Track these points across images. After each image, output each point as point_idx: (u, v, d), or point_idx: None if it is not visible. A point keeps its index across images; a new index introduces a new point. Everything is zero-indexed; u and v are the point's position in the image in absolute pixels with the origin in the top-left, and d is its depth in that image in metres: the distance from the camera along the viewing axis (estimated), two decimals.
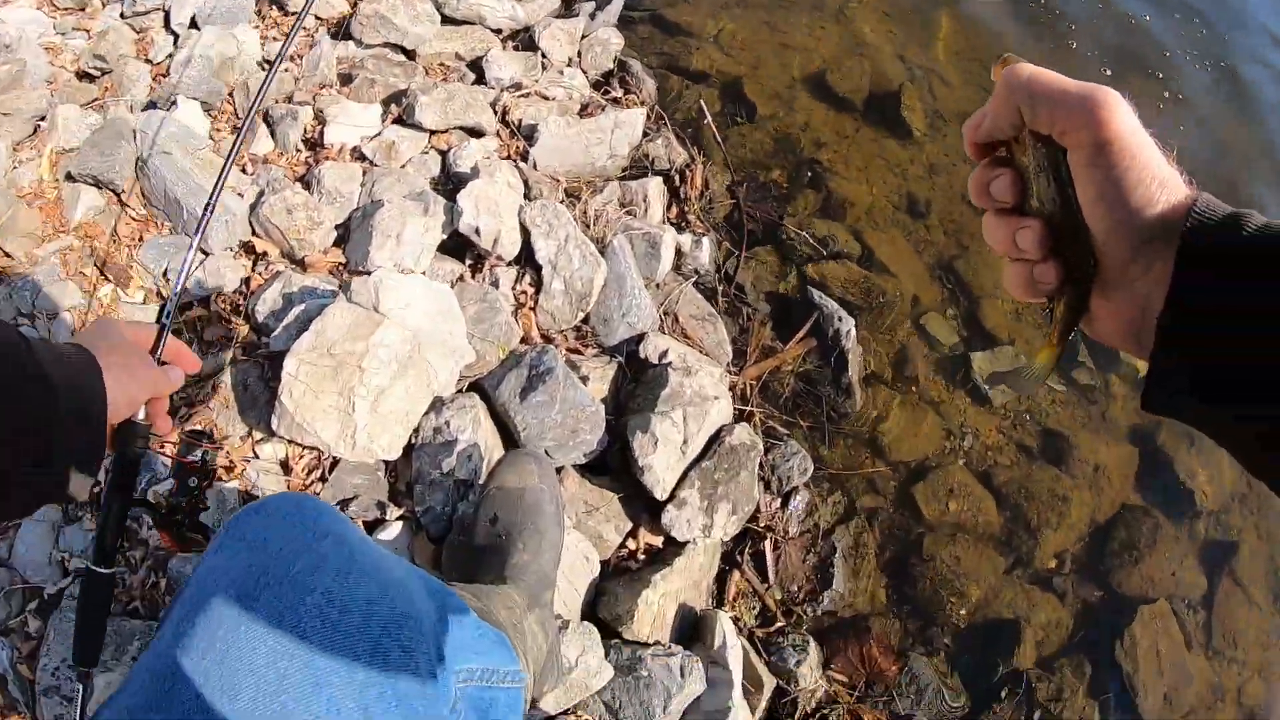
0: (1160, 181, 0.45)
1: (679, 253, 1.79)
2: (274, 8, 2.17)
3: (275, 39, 2.31)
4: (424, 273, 1.50)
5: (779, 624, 1.57)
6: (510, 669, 0.91)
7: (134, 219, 1.65)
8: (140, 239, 1.62)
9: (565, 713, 1.24)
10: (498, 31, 2.27)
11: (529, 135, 1.83)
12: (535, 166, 1.78)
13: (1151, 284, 0.45)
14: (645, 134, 1.98)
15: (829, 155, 2.43)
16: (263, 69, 1.91)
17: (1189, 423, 0.46)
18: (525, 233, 1.58)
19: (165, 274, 1.59)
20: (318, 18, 2.56)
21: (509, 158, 1.78)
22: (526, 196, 1.69)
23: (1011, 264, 0.52)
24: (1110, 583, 1.93)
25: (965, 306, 2.22)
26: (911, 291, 2.16)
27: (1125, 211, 0.45)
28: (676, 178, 1.94)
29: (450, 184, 1.72)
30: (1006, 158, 0.52)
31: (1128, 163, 0.45)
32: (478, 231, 1.52)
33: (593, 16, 2.45)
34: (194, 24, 2.06)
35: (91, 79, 1.80)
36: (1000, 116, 0.50)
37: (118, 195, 1.64)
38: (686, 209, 1.93)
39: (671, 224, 1.86)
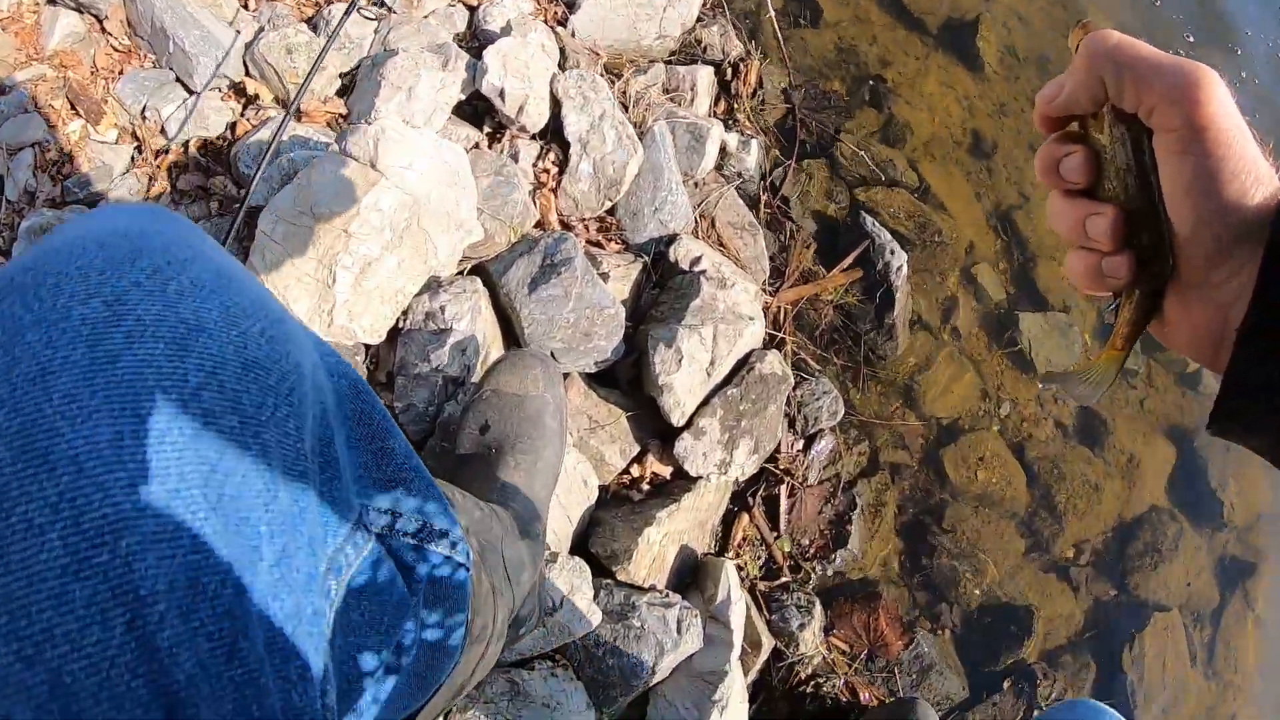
0: (1256, 176, 0.41)
1: (724, 151, 1.60)
2: None
3: None
4: (436, 134, 1.31)
5: (784, 579, 1.44)
6: (457, 537, 0.63)
7: (115, 49, 1.46)
8: (120, 72, 1.43)
9: (543, 657, 1.12)
10: None
11: (570, 1, 1.61)
12: (574, 35, 1.57)
13: (1238, 289, 0.42)
14: (700, 18, 1.77)
15: (895, 75, 2.23)
16: None
17: (1261, 451, 0.43)
18: (556, 104, 1.39)
19: (143, 112, 1.41)
20: None
21: (546, 22, 1.57)
22: (561, 66, 1.48)
23: (1077, 251, 0.48)
24: (1127, 583, 1.84)
25: (1019, 262, 2.07)
26: (968, 236, 2.00)
27: (1217, 205, 0.42)
28: (729, 71, 1.74)
29: (476, 42, 1.51)
30: (1080, 133, 0.48)
31: (1223, 152, 0.41)
32: (502, 95, 1.32)
33: None
34: None
35: None
36: (1080, 88, 0.45)
37: (100, 22, 1.46)
38: (736, 107, 1.72)
39: (719, 120, 1.66)
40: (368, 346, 1.25)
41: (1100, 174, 0.47)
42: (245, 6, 1.51)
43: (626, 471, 1.33)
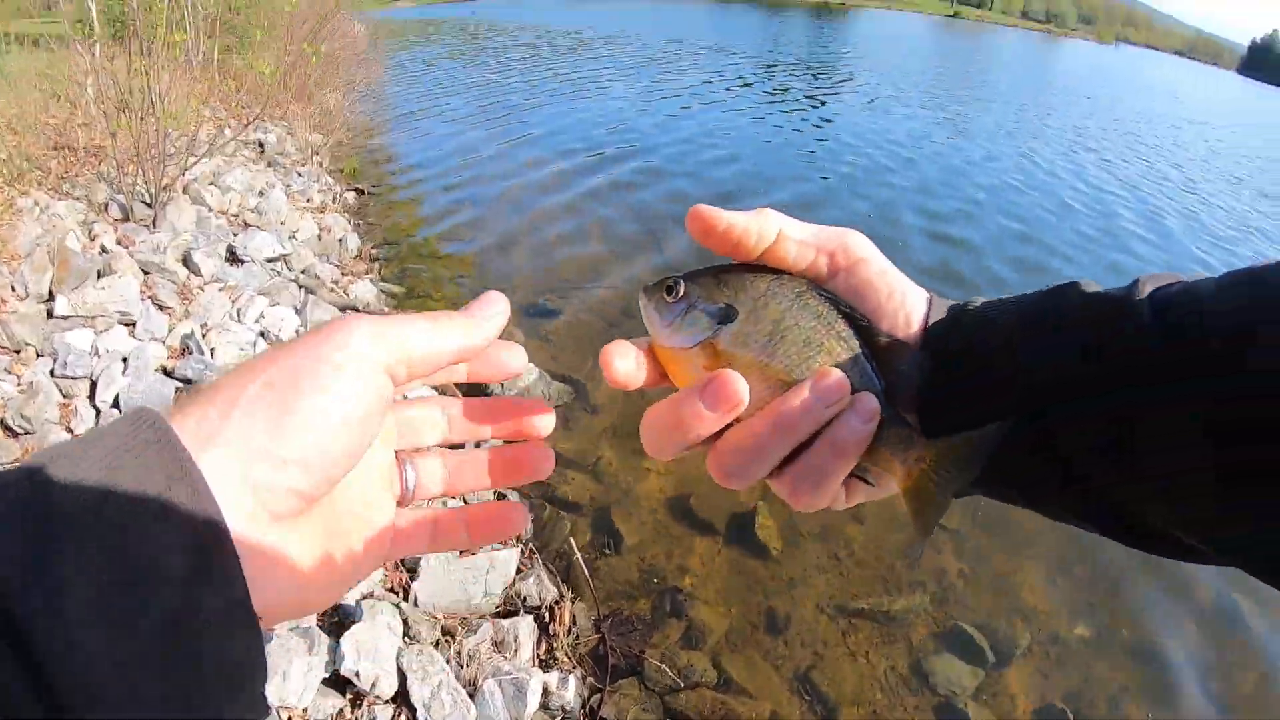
0: (908, 290, 0.53)
1: (545, 692, 2.04)
2: None
3: None
4: (306, 709, 1.67)
5: None
6: None
7: None
8: None
9: None
10: None
11: (412, 569, 2.15)
12: (416, 603, 2.07)
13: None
14: (519, 570, 2.36)
15: (692, 580, 2.87)
16: None
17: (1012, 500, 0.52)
18: (403, 675, 1.81)
19: None
20: None
21: (393, 589, 2.07)
22: (406, 636, 1.95)
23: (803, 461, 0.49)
24: None
25: (822, 714, 2.51)
26: (768, 710, 2.45)
27: (900, 313, 0.52)
28: (546, 615, 2.29)
29: (335, 616, 1.96)
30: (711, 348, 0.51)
31: (883, 267, 0.53)
32: (358, 675, 1.74)
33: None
34: (116, 403, 2.36)
35: (15, 435, 2.01)
36: (755, 234, 0.51)
37: None
38: (555, 645, 2.23)
39: (540, 661, 2.14)
40: None
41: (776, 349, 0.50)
42: None
43: None
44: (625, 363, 0.51)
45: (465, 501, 1.46)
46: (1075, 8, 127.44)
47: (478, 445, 0.53)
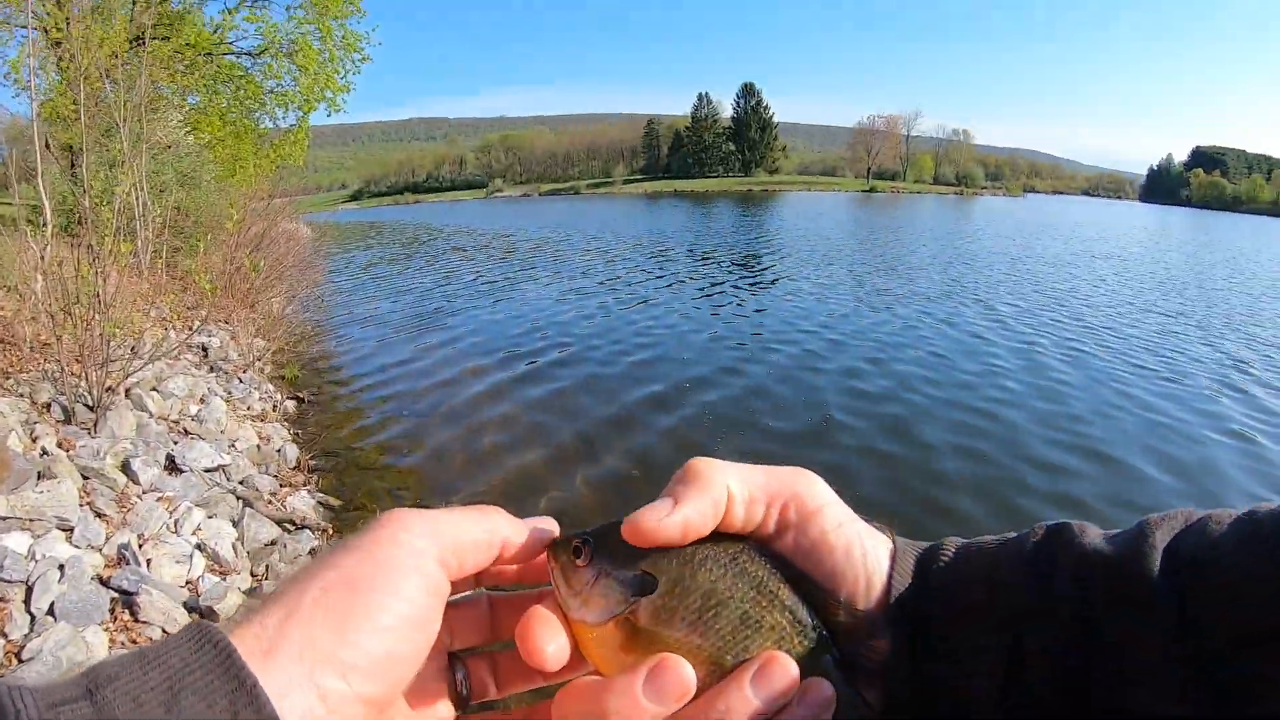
0: (869, 533, 0.51)
1: None
2: (126, 610, 2.62)
3: (123, 644, 2.70)
4: None
5: None
6: None
7: None
8: None
9: None
10: None
11: None
12: None
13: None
14: None
15: None
16: None
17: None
18: None
19: None
20: (165, 631, 3.02)
21: None
22: None
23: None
24: None
25: None
26: None
27: (850, 572, 0.49)
28: None
29: None
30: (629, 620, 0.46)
31: (839, 518, 0.50)
32: None
33: None
34: (52, 610, 2.42)
35: None
36: (707, 512, 0.47)
37: None
38: None
39: None
40: None
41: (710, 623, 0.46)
42: None
43: None
44: (555, 645, 0.46)
45: None
46: (982, 168, 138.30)
47: None
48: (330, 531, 4.95)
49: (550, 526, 0.52)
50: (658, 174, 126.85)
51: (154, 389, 5.90)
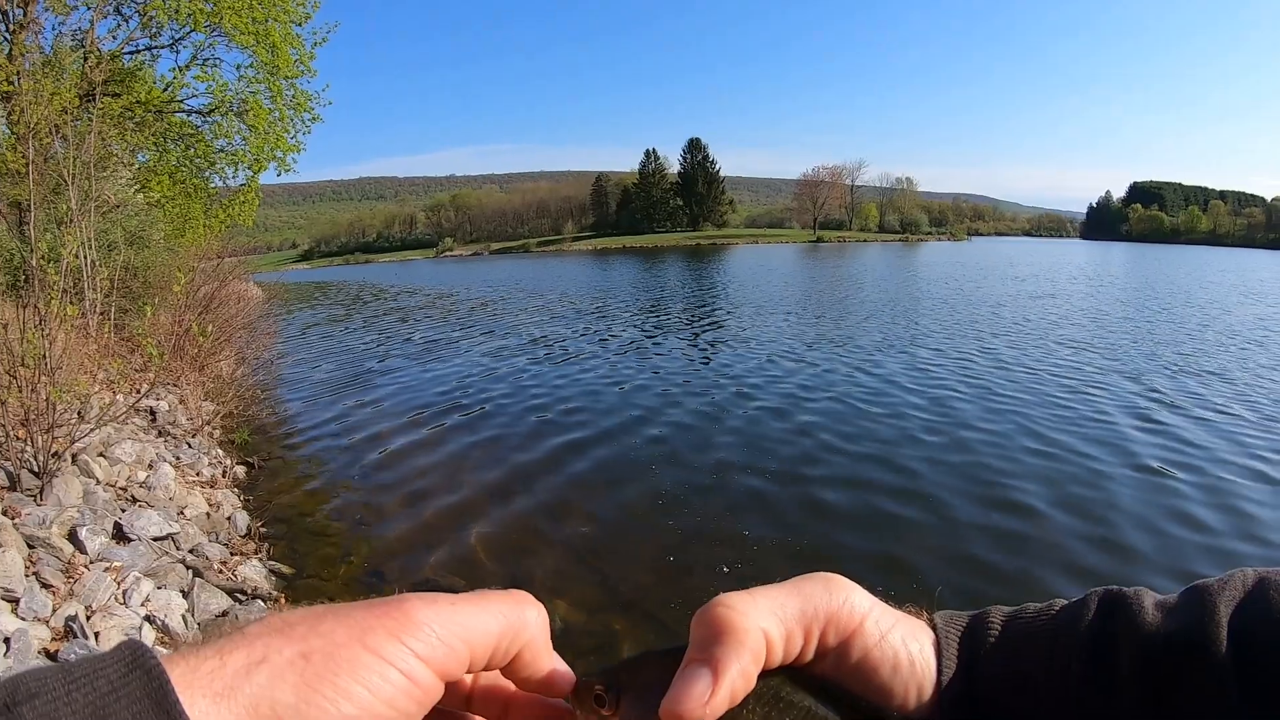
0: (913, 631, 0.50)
1: None
2: None
3: None
4: None
5: None
6: None
7: None
8: None
9: None
10: None
11: None
12: None
13: None
14: None
15: None
16: None
17: None
18: None
19: None
20: None
21: None
22: None
23: None
24: None
25: None
26: None
27: (916, 676, 0.48)
28: None
29: None
30: None
31: (880, 631, 0.48)
32: None
33: None
34: None
35: None
36: (749, 670, 0.44)
37: None
38: None
39: None
40: None
41: None
42: None
43: None
44: None
45: None
46: (926, 214, 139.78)
47: None
48: (283, 601, 4.90)
49: (563, 678, 0.48)
50: (607, 230, 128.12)
51: (101, 454, 5.81)
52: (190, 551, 5.09)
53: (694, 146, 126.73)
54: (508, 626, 0.44)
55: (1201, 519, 6.05)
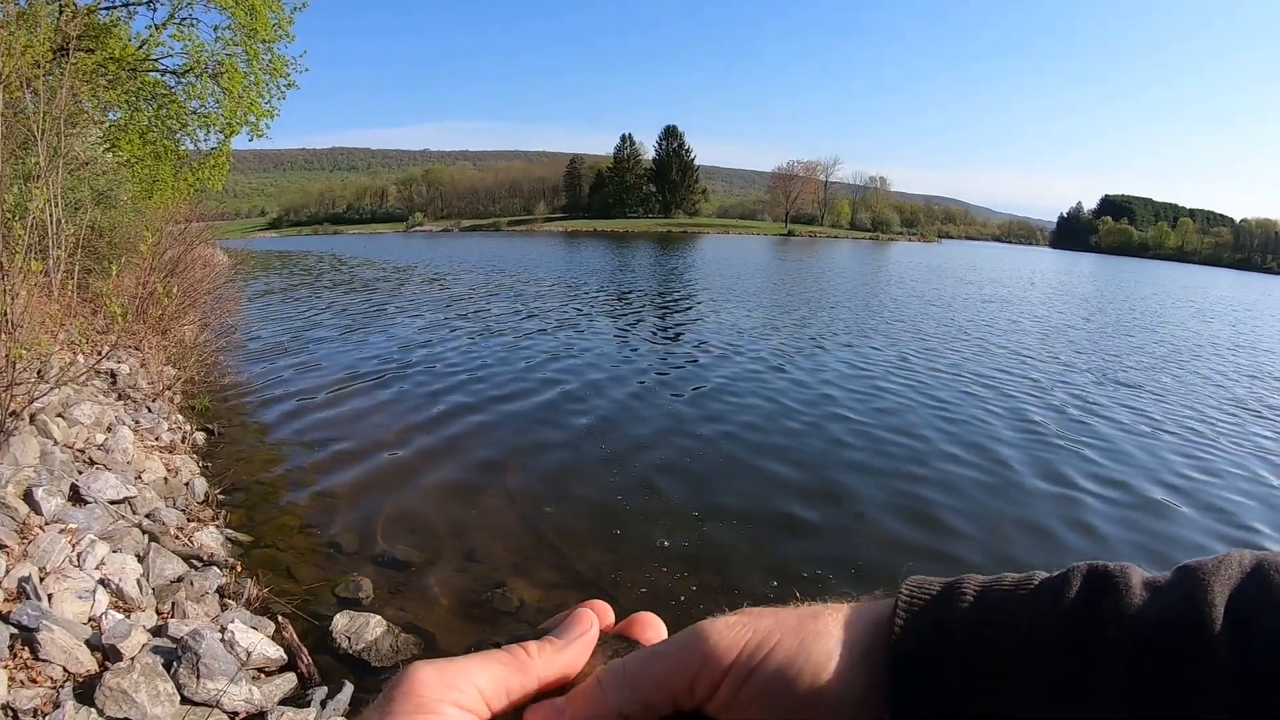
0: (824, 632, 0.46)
1: None
2: (26, 648, 2.63)
3: (23, 683, 2.69)
4: None
5: None
6: None
7: None
8: None
9: None
10: (234, 714, 2.85)
11: None
12: None
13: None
14: None
15: None
16: (5, 717, 2.28)
17: None
18: None
19: None
20: (66, 670, 3.00)
21: None
22: None
23: None
24: None
25: None
26: None
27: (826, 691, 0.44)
28: None
29: None
30: None
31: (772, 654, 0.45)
32: None
33: (323, 704, 3.14)
34: None
35: None
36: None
37: None
38: None
39: None
40: None
41: None
42: None
43: None
44: None
45: None
46: (898, 214, 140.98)
47: None
48: (239, 569, 4.91)
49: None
50: (579, 213, 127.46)
51: (60, 415, 5.75)
52: (147, 516, 5.07)
53: (670, 134, 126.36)
54: (515, 676, 0.46)
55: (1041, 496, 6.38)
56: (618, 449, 7.79)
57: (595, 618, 0.50)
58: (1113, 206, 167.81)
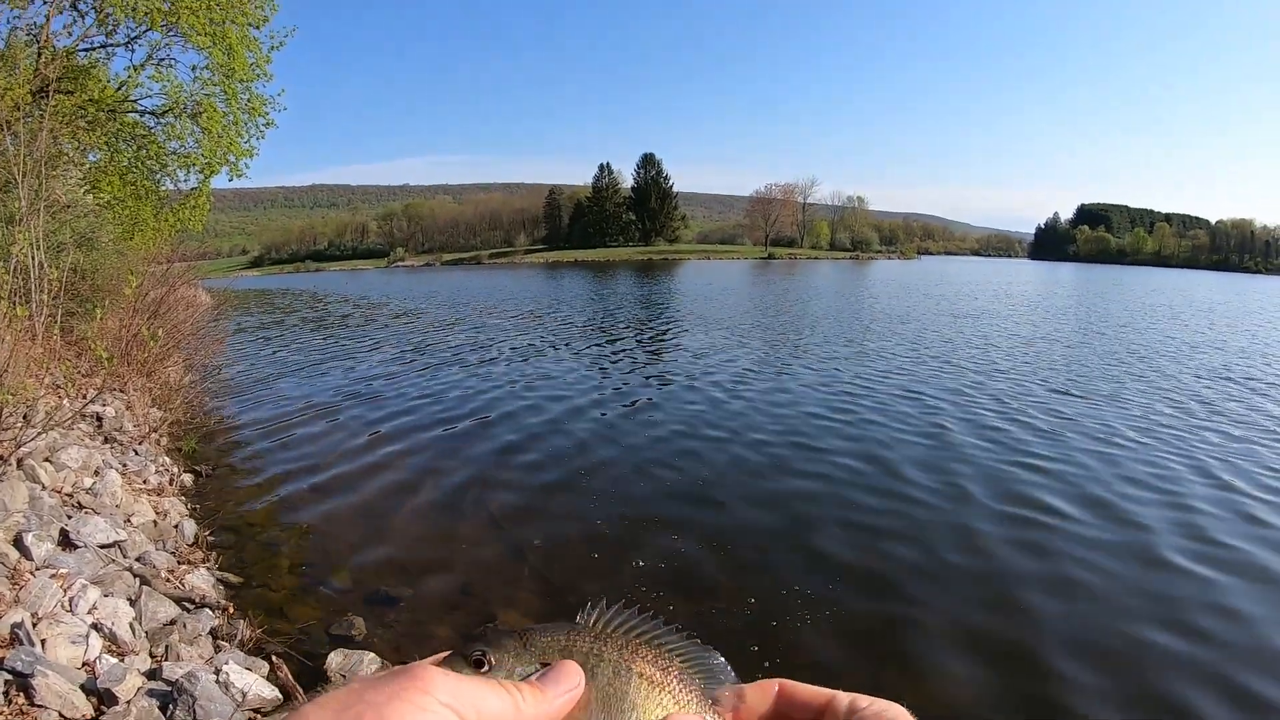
0: None
1: None
2: (20, 694, 2.64)
3: None
4: None
5: None
6: None
7: None
8: None
9: None
10: None
11: None
12: None
13: None
14: None
15: None
16: None
17: None
18: None
19: None
20: (63, 716, 3.02)
21: None
22: None
23: None
24: None
25: None
26: None
27: None
28: None
29: None
30: None
31: None
32: None
33: None
34: None
35: None
36: None
37: None
38: None
39: None
40: None
41: None
42: None
43: None
44: None
45: None
46: (877, 232, 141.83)
47: None
48: (231, 609, 4.90)
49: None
50: (559, 243, 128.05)
51: (47, 460, 5.73)
52: (137, 559, 5.06)
53: (648, 162, 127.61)
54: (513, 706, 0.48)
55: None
56: (602, 476, 7.85)
57: (583, 675, 0.52)
58: (1089, 215, 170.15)
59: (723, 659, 0.58)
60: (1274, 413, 11.30)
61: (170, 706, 3.40)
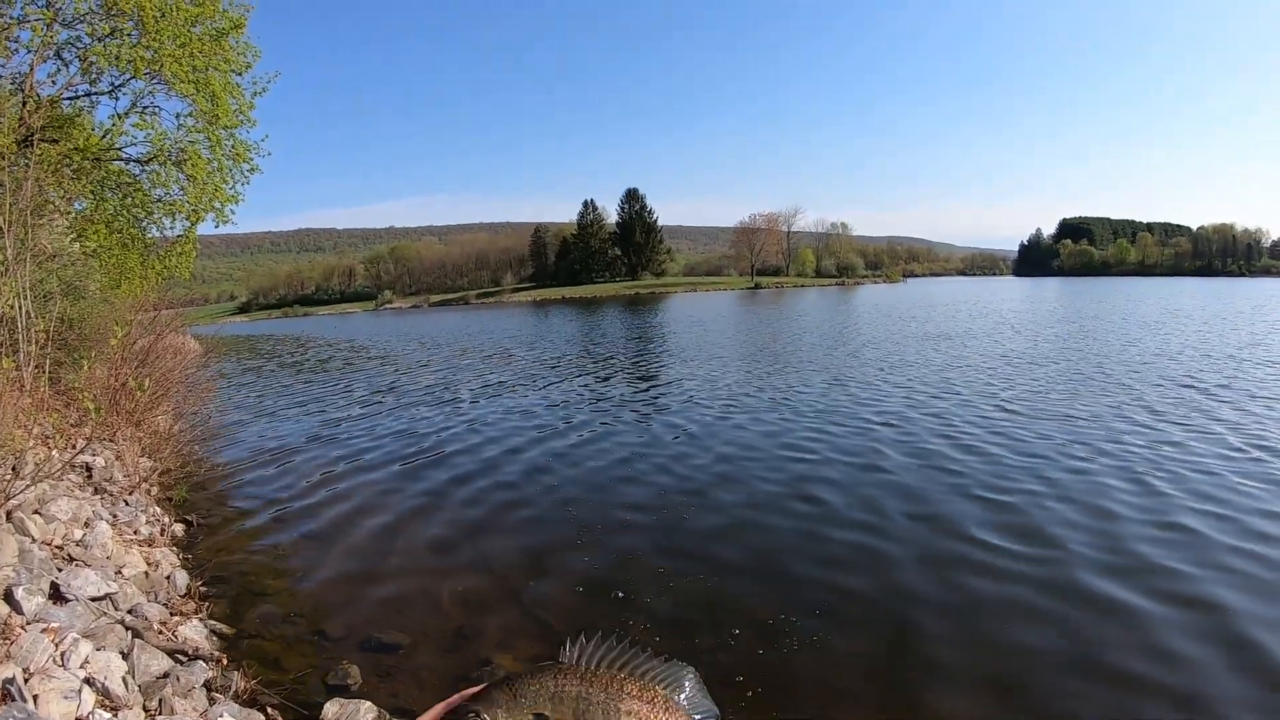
0: None
1: None
2: None
3: None
4: None
5: None
6: None
7: None
8: None
9: None
10: None
11: None
12: None
13: None
14: None
15: None
16: None
17: None
18: None
19: None
20: None
21: None
22: None
23: None
24: None
25: None
26: None
27: None
28: None
29: None
30: None
31: None
32: None
33: None
34: None
35: None
36: None
37: None
38: None
39: None
40: None
41: None
42: None
43: None
44: None
45: None
46: (861, 258, 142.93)
47: None
48: (225, 661, 4.85)
49: None
50: (546, 281, 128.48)
51: (37, 512, 5.68)
52: (129, 612, 5.01)
53: (631, 197, 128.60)
54: None
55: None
56: (593, 517, 7.82)
57: None
58: (1071, 229, 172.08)
59: (694, 673, 0.62)
60: None
61: None
